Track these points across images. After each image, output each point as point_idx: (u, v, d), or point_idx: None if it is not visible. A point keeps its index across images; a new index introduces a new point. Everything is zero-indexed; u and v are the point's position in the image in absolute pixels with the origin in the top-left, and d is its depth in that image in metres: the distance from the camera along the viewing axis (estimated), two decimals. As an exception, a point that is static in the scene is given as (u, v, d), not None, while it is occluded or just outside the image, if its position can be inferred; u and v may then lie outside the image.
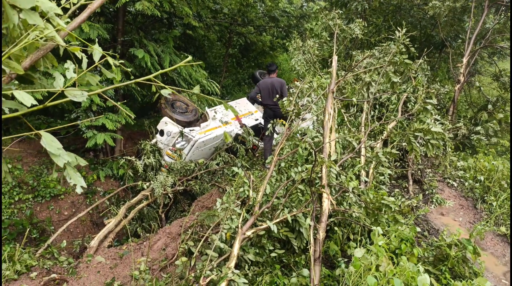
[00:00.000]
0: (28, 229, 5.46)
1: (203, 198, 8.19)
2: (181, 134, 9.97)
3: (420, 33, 13.77)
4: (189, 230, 5.17)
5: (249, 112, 12.52)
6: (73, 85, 1.97)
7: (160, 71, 2.14)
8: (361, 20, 9.03)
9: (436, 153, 7.17)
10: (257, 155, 10.37)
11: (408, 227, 4.04)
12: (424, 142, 4.38)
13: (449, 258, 3.91)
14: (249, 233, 3.88)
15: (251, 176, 4.21)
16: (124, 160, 8.40)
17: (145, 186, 7.89)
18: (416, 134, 4.29)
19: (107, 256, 5.46)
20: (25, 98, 1.49)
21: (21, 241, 8.11)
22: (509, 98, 9.34)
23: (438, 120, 7.67)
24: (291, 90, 10.25)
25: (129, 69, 2.16)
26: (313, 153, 3.98)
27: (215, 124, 11.01)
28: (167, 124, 10.17)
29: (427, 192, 6.59)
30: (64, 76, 1.87)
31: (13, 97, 1.51)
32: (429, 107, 5.06)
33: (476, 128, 8.77)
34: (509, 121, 8.63)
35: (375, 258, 3.05)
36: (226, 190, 7.86)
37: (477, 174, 6.85)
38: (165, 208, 7.53)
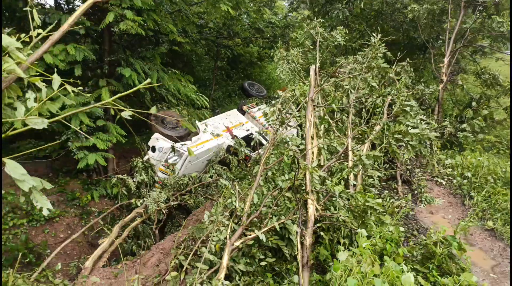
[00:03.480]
0: (20, 254, 5.46)
1: (197, 212, 8.22)
2: (173, 149, 10.03)
3: (402, 36, 14.04)
4: (182, 244, 5.20)
5: (240, 123, 12.64)
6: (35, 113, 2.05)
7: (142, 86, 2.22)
8: (342, 27, 9.22)
9: (423, 153, 7.28)
10: (249, 165, 10.43)
11: (391, 226, 4.11)
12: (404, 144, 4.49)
13: (435, 255, 3.97)
14: (237, 243, 3.94)
15: (237, 187, 4.28)
16: (116, 179, 8.42)
17: (138, 204, 7.91)
18: (395, 136, 4.40)
19: (102, 276, 5.47)
20: None
21: (17, 266, 8.08)
22: (491, 95, 9.54)
23: (423, 120, 7.80)
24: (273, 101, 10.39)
25: (122, 85, 2.25)
26: (296, 160, 4.07)
27: (207, 137, 11.09)
28: (158, 140, 10.24)
29: (416, 192, 6.69)
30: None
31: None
32: (408, 108, 5.18)
33: (462, 125, 8.92)
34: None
35: (358, 259, 3.11)
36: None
37: (464, 171, 6.96)
38: (159, 224, 7.54)
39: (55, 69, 2.26)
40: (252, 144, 11.06)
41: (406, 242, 4.91)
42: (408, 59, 9.02)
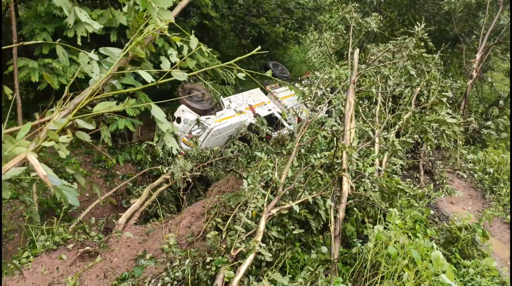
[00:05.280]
0: (63, 208, 5.86)
1: (219, 183, 8.53)
2: (198, 121, 10.28)
3: (434, 28, 13.86)
4: (212, 210, 5.50)
5: (262, 103, 12.79)
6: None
7: (231, 61, 2.43)
8: (377, 14, 9.21)
9: (447, 146, 7.41)
10: (271, 143, 10.66)
11: (422, 208, 4.34)
12: (438, 133, 4.65)
13: (459, 240, 4.20)
14: (274, 211, 4.21)
15: (276, 159, 4.52)
16: (145, 145, 8.75)
17: (164, 171, 8.25)
18: (432, 124, 4.56)
19: (135, 232, 5.83)
20: (147, 76, 1.87)
21: (47, 219, 8.56)
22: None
23: (450, 114, 7.88)
24: (303, 82, 10.48)
25: (215, 55, 2.48)
26: (335, 139, 4.27)
27: (230, 113, 11.30)
28: (184, 112, 10.48)
29: (437, 183, 6.87)
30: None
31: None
32: (444, 99, 5.31)
33: (486, 123, 8.97)
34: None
35: (393, 234, 3.35)
36: (242, 176, 8.20)
37: (487, 167, 7.11)
38: (186, 190, 7.90)
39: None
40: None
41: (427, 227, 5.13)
42: (439, 52, 9.02)
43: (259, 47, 2.65)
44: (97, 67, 2.00)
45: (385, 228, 3.60)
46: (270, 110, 12.50)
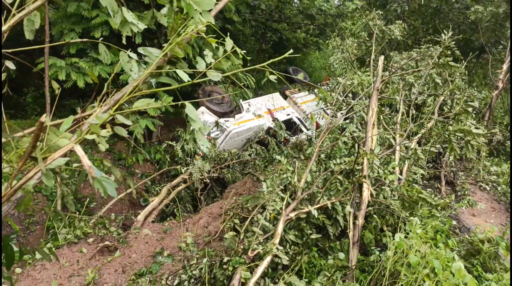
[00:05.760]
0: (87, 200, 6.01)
1: (236, 186, 8.58)
2: (217, 124, 10.38)
3: (459, 37, 13.64)
4: (229, 211, 5.54)
5: (281, 107, 12.82)
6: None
7: (264, 63, 2.49)
8: (401, 21, 9.14)
9: (470, 157, 7.27)
10: (289, 148, 10.66)
11: (444, 219, 4.27)
12: (464, 144, 4.57)
13: (481, 252, 4.11)
14: (292, 215, 4.21)
15: (297, 163, 4.53)
16: (165, 145, 8.90)
17: (183, 171, 8.36)
18: (457, 134, 4.49)
19: (153, 230, 5.93)
20: (183, 75, 1.94)
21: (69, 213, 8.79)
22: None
23: (473, 125, 7.73)
24: (323, 88, 10.45)
25: (249, 58, 2.56)
26: (356, 145, 4.25)
27: (249, 116, 11.37)
28: (203, 114, 10.62)
29: (459, 194, 6.73)
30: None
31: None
32: (470, 109, 5.22)
33: (511, 135, 8.75)
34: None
35: (414, 243, 3.31)
36: (259, 179, 8.23)
37: (511, 180, 6.93)
38: (204, 191, 7.98)
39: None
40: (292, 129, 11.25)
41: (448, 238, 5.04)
42: (465, 62, 8.87)
43: (291, 51, 2.68)
44: (136, 66, 2.09)
45: (405, 236, 3.56)
46: (288, 114, 12.52)
